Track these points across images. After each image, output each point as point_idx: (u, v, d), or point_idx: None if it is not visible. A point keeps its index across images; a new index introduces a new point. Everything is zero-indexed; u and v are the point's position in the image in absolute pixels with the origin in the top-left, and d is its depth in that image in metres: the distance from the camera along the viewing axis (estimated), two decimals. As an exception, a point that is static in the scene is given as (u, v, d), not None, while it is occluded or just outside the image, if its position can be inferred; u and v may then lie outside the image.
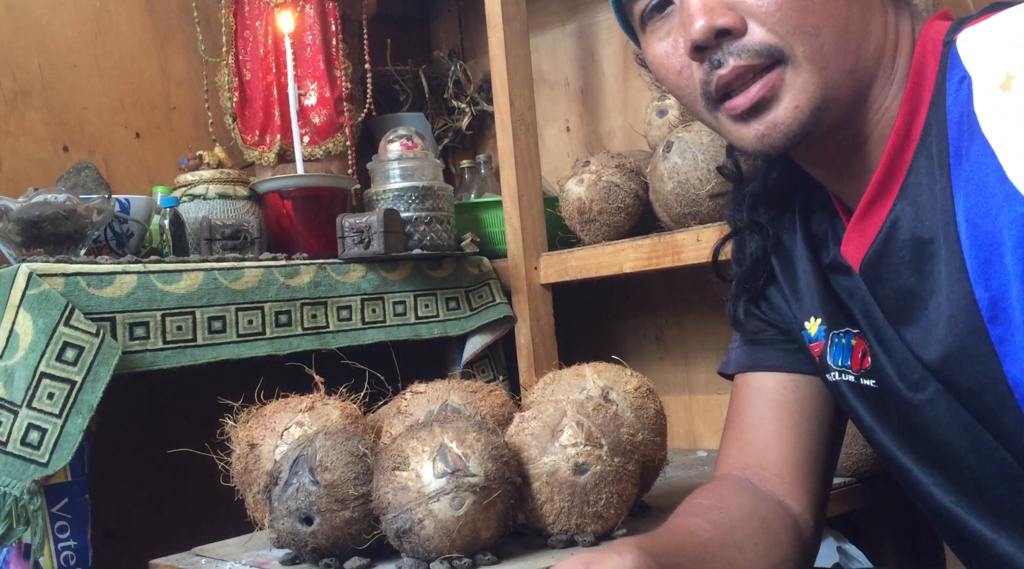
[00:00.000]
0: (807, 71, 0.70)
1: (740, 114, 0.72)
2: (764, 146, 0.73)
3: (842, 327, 0.82)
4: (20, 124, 1.73)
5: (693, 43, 0.71)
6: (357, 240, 1.51)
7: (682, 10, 0.72)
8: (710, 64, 0.72)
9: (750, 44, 0.70)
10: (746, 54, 0.70)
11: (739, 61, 0.70)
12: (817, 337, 0.85)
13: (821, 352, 0.84)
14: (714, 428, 1.76)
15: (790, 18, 0.69)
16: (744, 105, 0.71)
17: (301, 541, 0.97)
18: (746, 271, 0.91)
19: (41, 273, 1.20)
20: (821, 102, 0.70)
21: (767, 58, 0.70)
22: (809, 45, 0.69)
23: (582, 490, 0.96)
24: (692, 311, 1.79)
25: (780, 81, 0.70)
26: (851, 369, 0.81)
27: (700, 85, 0.74)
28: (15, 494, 1.13)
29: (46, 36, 1.77)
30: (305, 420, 1.09)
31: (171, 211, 1.53)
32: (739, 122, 0.73)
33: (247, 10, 1.85)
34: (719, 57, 0.71)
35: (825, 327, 0.84)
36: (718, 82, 0.72)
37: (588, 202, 1.51)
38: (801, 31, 0.69)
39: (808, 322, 0.86)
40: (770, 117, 0.71)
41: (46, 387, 1.16)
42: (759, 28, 0.70)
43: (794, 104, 0.70)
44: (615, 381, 1.09)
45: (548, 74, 2.04)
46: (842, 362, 0.82)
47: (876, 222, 0.75)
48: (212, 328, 1.35)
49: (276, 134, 1.81)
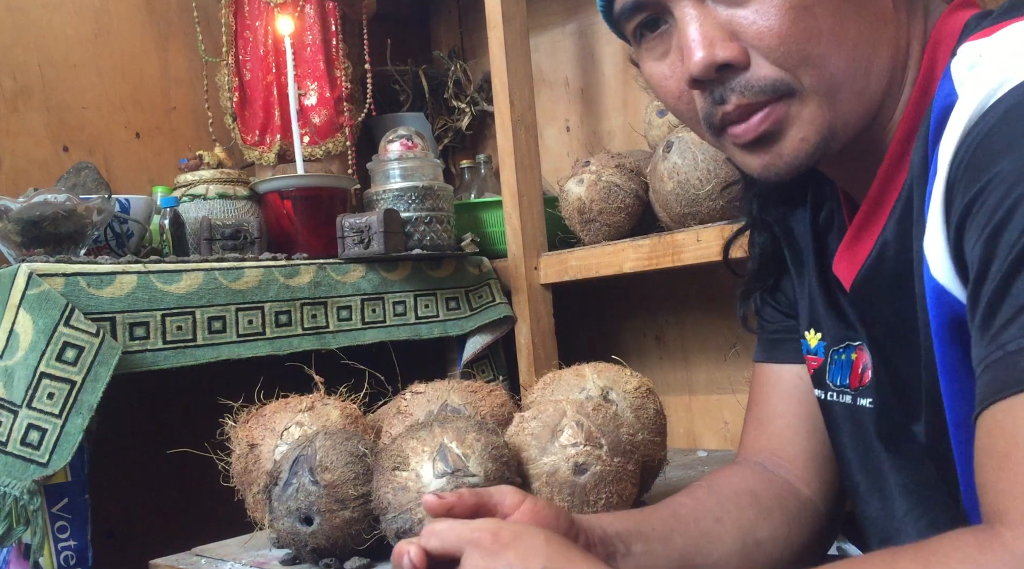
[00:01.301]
0: (814, 102, 0.66)
1: (744, 144, 0.69)
2: (768, 175, 0.69)
3: (842, 341, 0.80)
4: (20, 124, 1.73)
5: (692, 78, 0.67)
6: (357, 240, 1.51)
7: (680, 35, 0.67)
8: (712, 98, 0.68)
9: (754, 80, 0.65)
10: (750, 91, 0.66)
11: (743, 99, 0.66)
12: (816, 352, 0.83)
13: (819, 368, 0.82)
14: (714, 428, 1.76)
15: (796, 50, 0.64)
16: (748, 136, 0.68)
17: (301, 541, 0.97)
18: (756, 269, 0.89)
19: (41, 273, 1.20)
20: (829, 132, 0.67)
21: (772, 94, 0.65)
22: (816, 76, 0.65)
23: (582, 490, 0.96)
24: (692, 311, 1.79)
25: (785, 114, 0.66)
26: (849, 388, 0.79)
27: (702, 113, 0.70)
28: (15, 494, 1.13)
29: (46, 36, 1.77)
30: (305, 420, 1.09)
31: (171, 211, 1.53)
32: (743, 150, 0.69)
33: (247, 10, 1.85)
34: (721, 92, 0.67)
35: (825, 343, 0.81)
36: (722, 116, 0.68)
37: (588, 202, 1.51)
38: (808, 63, 0.64)
39: (808, 333, 0.83)
40: (775, 149, 0.68)
41: (46, 387, 1.16)
42: (763, 61, 0.65)
43: (800, 136, 0.67)
44: (615, 381, 1.09)
45: (548, 74, 2.04)
46: (840, 381, 0.80)
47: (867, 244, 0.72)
48: (212, 328, 1.35)
49: (276, 134, 1.81)
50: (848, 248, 0.74)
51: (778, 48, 0.64)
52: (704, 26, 0.65)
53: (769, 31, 0.64)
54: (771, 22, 0.64)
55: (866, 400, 0.77)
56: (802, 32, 0.64)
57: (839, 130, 0.67)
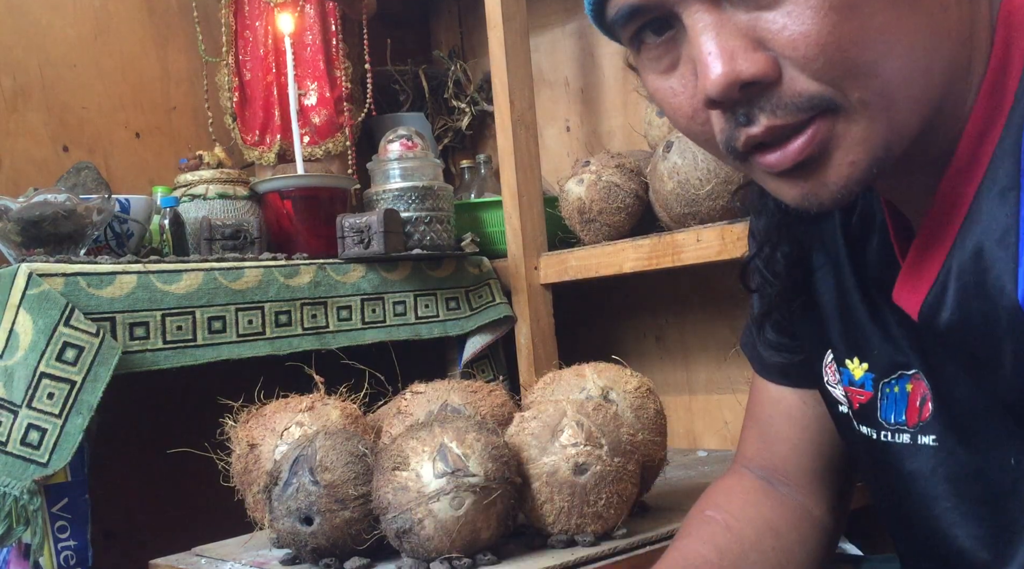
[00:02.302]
0: (865, 118, 0.53)
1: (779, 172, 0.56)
2: (810, 206, 0.57)
3: (893, 371, 0.68)
4: (20, 124, 1.73)
5: (710, 99, 0.54)
6: (357, 240, 1.51)
7: (692, 47, 0.54)
8: (735, 118, 0.55)
9: (788, 96, 0.53)
10: (783, 111, 0.53)
11: (774, 120, 0.53)
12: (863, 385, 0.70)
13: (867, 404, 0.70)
14: (714, 428, 1.76)
15: (840, 59, 0.51)
16: (784, 165, 0.55)
17: (301, 541, 0.97)
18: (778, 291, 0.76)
19: (41, 273, 1.20)
20: (883, 151, 0.54)
21: (811, 111, 0.53)
22: (867, 89, 0.52)
23: (582, 490, 0.96)
24: (692, 311, 1.79)
25: (830, 134, 0.53)
26: (907, 425, 0.67)
27: (721, 137, 0.57)
28: (15, 494, 1.13)
29: (46, 36, 1.77)
30: (305, 420, 1.09)
31: (171, 211, 1.53)
32: (777, 178, 0.57)
33: (247, 10, 1.85)
34: (746, 112, 0.54)
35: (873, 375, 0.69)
36: (747, 140, 0.55)
37: (588, 202, 1.51)
38: (855, 73, 0.52)
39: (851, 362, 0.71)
40: (818, 176, 0.55)
41: (46, 387, 1.16)
42: (799, 74, 0.52)
43: (849, 160, 0.54)
44: (615, 381, 1.09)
45: (548, 74, 2.04)
46: (896, 418, 0.68)
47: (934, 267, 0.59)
48: (212, 328, 1.35)
49: (276, 134, 1.81)
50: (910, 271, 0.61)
51: (818, 58, 0.51)
52: (722, 36, 0.53)
53: (805, 38, 0.51)
54: (807, 26, 0.51)
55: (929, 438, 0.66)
56: (847, 36, 0.51)
57: (894, 148, 0.55)
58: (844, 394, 0.74)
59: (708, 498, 0.86)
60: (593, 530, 0.97)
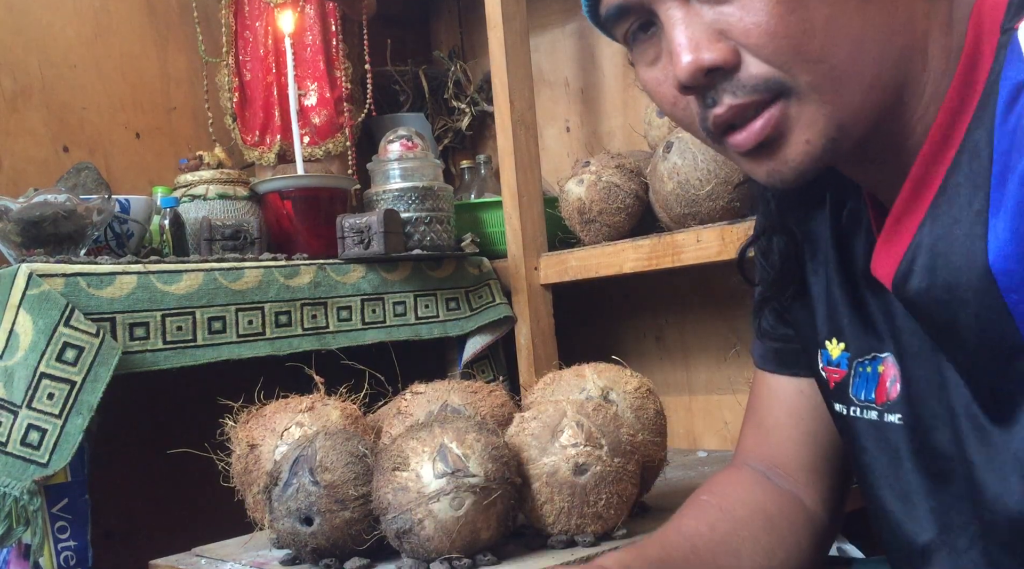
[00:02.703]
0: (814, 101, 0.60)
1: (746, 152, 0.64)
2: (776, 182, 0.65)
3: (868, 352, 0.74)
4: (20, 124, 1.73)
5: (680, 83, 0.62)
6: (357, 240, 1.51)
7: (666, 41, 0.62)
8: (703, 101, 0.63)
9: (745, 79, 0.60)
10: (741, 91, 0.61)
11: (735, 99, 0.61)
12: (839, 364, 0.77)
13: (841, 382, 0.77)
14: (714, 428, 1.76)
15: (788, 45, 0.59)
16: (748, 144, 0.63)
17: (301, 541, 0.97)
18: (773, 279, 0.83)
19: (41, 273, 1.20)
20: (836, 132, 0.61)
21: (766, 93, 0.61)
22: (814, 73, 0.60)
23: (582, 490, 0.96)
24: (692, 311, 1.79)
25: (784, 116, 0.61)
26: (875, 403, 0.74)
27: (698, 119, 0.65)
28: (15, 494, 1.13)
29: (46, 36, 1.77)
30: (305, 420, 1.09)
31: (171, 211, 1.53)
32: (746, 158, 0.65)
33: (247, 10, 1.85)
34: (713, 95, 0.62)
35: (849, 354, 0.76)
36: (715, 121, 0.63)
37: (588, 202, 1.51)
38: (803, 58, 0.59)
39: (829, 343, 0.78)
40: (779, 155, 0.63)
41: (46, 387, 1.16)
42: (753, 59, 0.60)
43: (803, 139, 0.61)
44: (615, 381, 1.09)
45: (548, 74, 2.04)
46: (866, 395, 0.75)
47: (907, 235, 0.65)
48: (212, 328, 1.35)
49: (276, 134, 1.81)
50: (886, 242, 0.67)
51: (768, 45, 0.59)
52: (689, 28, 0.61)
53: (757, 27, 0.59)
54: (759, 17, 0.59)
55: (894, 416, 0.72)
56: (795, 26, 0.59)
57: (848, 128, 0.62)
58: (824, 373, 0.79)
59: (704, 486, 0.88)
60: (593, 530, 0.97)
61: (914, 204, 0.65)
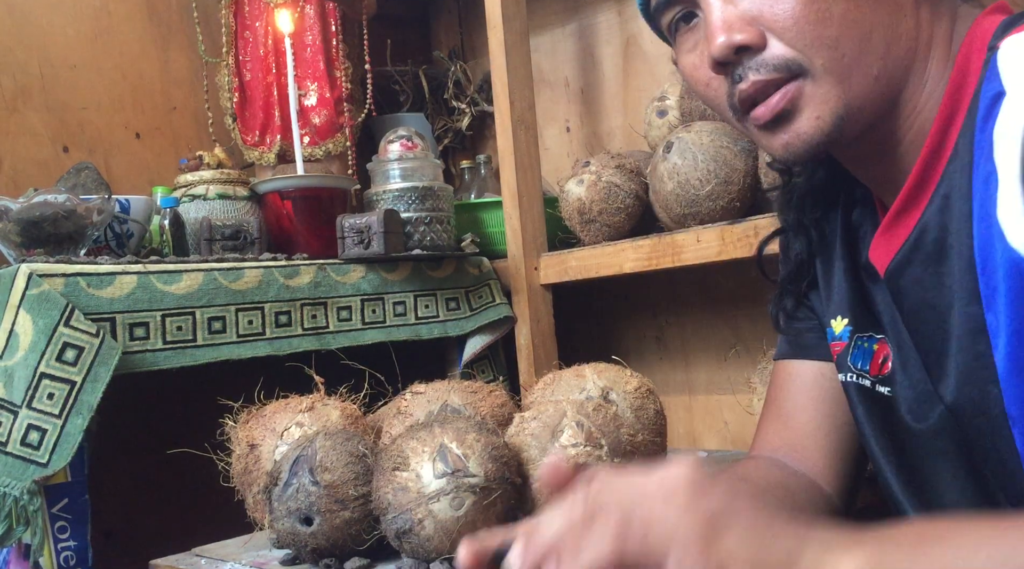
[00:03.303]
0: (827, 83, 0.70)
1: (764, 124, 0.73)
2: (788, 154, 0.74)
3: (867, 331, 0.82)
4: (20, 124, 1.73)
5: (714, 59, 0.72)
6: (357, 240, 1.51)
7: (705, 25, 0.73)
8: (732, 78, 0.73)
9: (769, 58, 0.71)
10: (765, 69, 0.71)
11: (758, 75, 0.71)
12: (841, 337, 0.85)
13: (842, 352, 0.84)
14: (714, 428, 1.76)
15: (808, 31, 0.69)
16: (766, 116, 0.72)
17: (301, 541, 0.97)
18: (790, 272, 0.91)
19: (41, 273, 1.20)
20: (844, 111, 0.71)
21: (786, 72, 0.70)
22: (828, 57, 0.69)
23: (582, 490, 0.96)
24: (692, 311, 1.79)
25: (800, 93, 0.71)
26: (868, 373, 0.81)
27: (726, 97, 0.75)
28: (15, 494, 1.13)
29: (46, 36, 1.77)
30: (305, 420, 1.09)
31: (171, 211, 1.53)
32: (765, 131, 0.74)
33: (247, 10, 1.85)
34: (740, 72, 0.72)
35: (851, 328, 0.84)
36: (740, 95, 0.73)
37: (588, 202, 1.51)
38: (819, 44, 0.69)
39: (835, 320, 0.86)
40: (793, 127, 0.72)
41: (46, 387, 1.16)
42: (777, 42, 0.70)
43: (815, 115, 0.71)
44: (615, 381, 1.09)
45: (548, 74, 2.04)
46: (861, 365, 0.82)
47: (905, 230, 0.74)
48: (212, 328, 1.35)
49: (276, 134, 1.81)
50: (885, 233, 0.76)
51: (791, 29, 0.69)
52: (725, 12, 0.71)
53: (783, 13, 0.69)
54: (785, 5, 0.69)
55: (885, 389, 0.79)
56: (814, 14, 0.69)
57: (854, 110, 0.71)
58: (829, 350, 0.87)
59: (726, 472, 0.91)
60: (593, 530, 0.97)
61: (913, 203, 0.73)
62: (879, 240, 0.77)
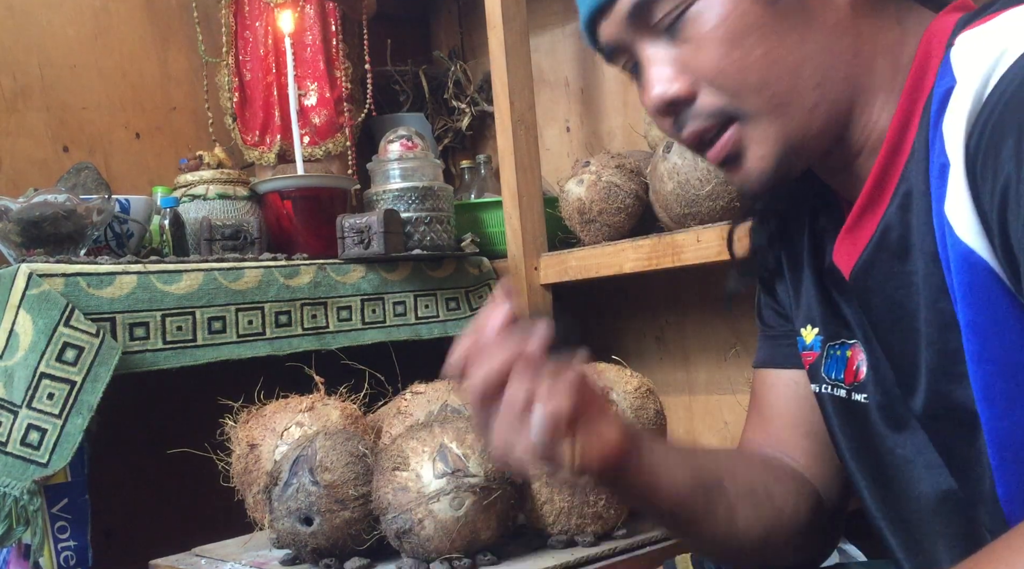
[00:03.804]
0: (763, 123, 0.70)
1: (717, 165, 0.74)
2: (746, 189, 0.75)
3: (838, 337, 0.82)
4: (20, 124, 1.73)
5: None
6: (357, 240, 1.51)
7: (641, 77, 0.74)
8: (675, 126, 0.74)
9: (701, 108, 0.71)
10: (699, 118, 0.71)
11: (694, 125, 0.72)
12: (812, 347, 0.84)
13: (814, 363, 0.84)
14: (714, 428, 1.76)
15: (732, 78, 0.69)
16: (716, 159, 0.73)
17: (301, 541, 0.97)
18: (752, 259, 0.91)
19: (41, 273, 1.20)
20: (787, 146, 0.71)
21: (721, 118, 0.71)
22: (757, 101, 0.69)
23: (582, 490, 0.96)
24: (692, 311, 1.79)
25: (740, 136, 0.71)
26: (843, 383, 0.80)
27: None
28: (15, 494, 1.13)
29: (46, 36, 1.77)
30: (305, 420, 1.09)
31: (171, 211, 1.53)
32: (720, 168, 0.75)
33: (247, 10, 1.85)
34: (678, 121, 0.73)
35: (821, 338, 0.83)
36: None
37: (588, 202, 1.51)
38: (746, 90, 0.69)
39: (804, 329, 0.85)
40: (743, 169, 0.73)
41: (46, 387, 1.16)
42: (707, 90, 0.71)
43: (759, 154, 0.71)
44: (615, 381, 1.09)
45: (548, 74, 2.04)
46: (835, 375, 0.82)
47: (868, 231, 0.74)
48: (212, 328, 1.35)
49: (276, 134, 1.81)
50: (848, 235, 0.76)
51: (716, 79, 0.70)
52: (656, 67, 0.72)
53: (706, 65, 0.70)
54: (706, 55, 0.70)
55: (861, 396, 0.79)
56: (736, 62, 0.69)
57: (798, 144, 0.71)
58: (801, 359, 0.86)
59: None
60: (593, 530, 0.98)
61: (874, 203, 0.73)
62: (842, 242, 0.77)
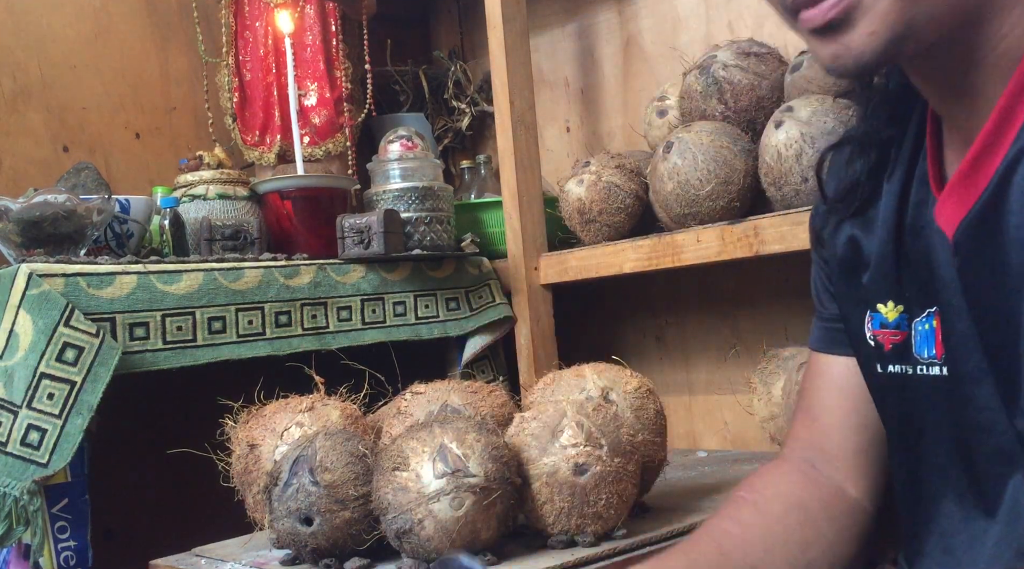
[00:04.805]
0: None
1: (814, 29, 0.65)
2: (836, 67, 0.65)
3: (923, 309, 0.74)
4: (20, 124, 1.73)
5: None
6: (357, 240, 1.51)
7: None
8: None
9: None
10: None
11: None
12: (898, 326, 0.76)
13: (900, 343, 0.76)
14: (714, 428, 1.76)
15: None
16: (816, 20, 0.64)
17: (301, 541, 0.97)
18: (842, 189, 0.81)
19: (41, 273, 1.20)
20: (905, 29, 0.62)
21: None
22: None
23: (582, 490, 0.96)
24: (692, 311, 1.79)
25: (857, 3, 0.62)
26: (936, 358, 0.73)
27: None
28: (15, 494, 1.13)
29: (46, 36, 1.77)
30: (305, 420, 1.09)
31: (171, 211, 1.53)
32: (814, 37, 0.65)
33: (247, 10, 1.85)
34: None
35: (907, 315, 0.75)
36: None
37: (588, 202, 1.51)
38: None
39: (884, 306, 0.77)
40: (843, 39, 0.63)
41: (46, 387, 1.16)
42: None
43: (869, 30, 0.62)
44: (615, 381, 1.09)
45: (548, 74, 2.04)
46: (928, 352, 0.74)
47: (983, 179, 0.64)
48: (212, 328, 1.35)
49: (276, 134, 1.81)
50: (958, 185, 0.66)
51: None
52: None
53: None
54: None
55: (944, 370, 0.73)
56: None
57: (917, 29, 0.62)
58: (873, 338, 0.78)
59: (744, 482, 0.88)
60: (593, 531, 0.97)
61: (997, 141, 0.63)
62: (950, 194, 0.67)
